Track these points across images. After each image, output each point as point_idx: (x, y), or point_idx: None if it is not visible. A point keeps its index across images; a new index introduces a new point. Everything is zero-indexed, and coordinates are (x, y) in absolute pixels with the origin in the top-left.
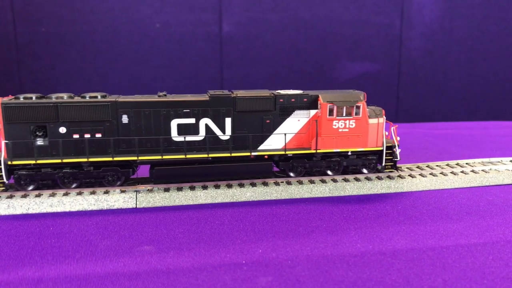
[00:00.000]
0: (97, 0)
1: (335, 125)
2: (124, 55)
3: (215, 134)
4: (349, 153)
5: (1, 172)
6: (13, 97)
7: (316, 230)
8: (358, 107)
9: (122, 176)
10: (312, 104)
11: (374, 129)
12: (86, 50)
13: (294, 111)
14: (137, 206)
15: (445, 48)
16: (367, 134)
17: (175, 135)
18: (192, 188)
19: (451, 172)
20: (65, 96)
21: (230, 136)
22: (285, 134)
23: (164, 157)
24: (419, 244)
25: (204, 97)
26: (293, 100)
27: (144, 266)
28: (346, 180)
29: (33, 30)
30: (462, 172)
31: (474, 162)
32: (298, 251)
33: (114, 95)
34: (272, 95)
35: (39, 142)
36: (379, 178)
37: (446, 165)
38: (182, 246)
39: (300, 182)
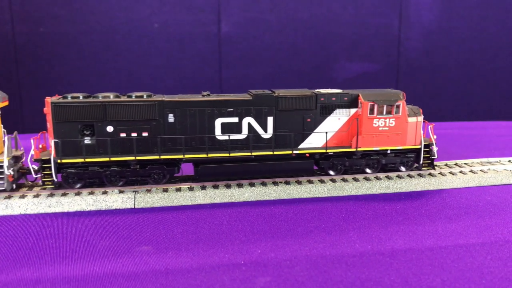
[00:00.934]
0: (95, 0)
1: (376, 124)
2: (123, 55)
3: (257, 132)
4: (388, 151)
5: (51, 170)
6: (59, 96)
7: (315, 230)
8: (398, 106)
9: (167, 174)
10: (352, 103)
11: (413, 127)
12: (85, 50)
13: (334, 110)
14: (136, 207)
15: (443, 48)
16: (406, 132)
17: (218, 134)
18: (190, 189)
19: (449, 172)
20: (111, 96)
21: (272, 134)
22: (326, 133)
23: (209, 155)
24: (417, 244)
25: (247, 97)
26: (333, 99)
27: (142, 267)
28: (344, 180)
29: (32, 30)
30: (460, 172)
31: (473, 162)
32: (297, 251)
33: (158, 94)
34: (314, 94)
35: (87, 140)
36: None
37: (445, 165)
38: (181, 247)
39: (299, 182)
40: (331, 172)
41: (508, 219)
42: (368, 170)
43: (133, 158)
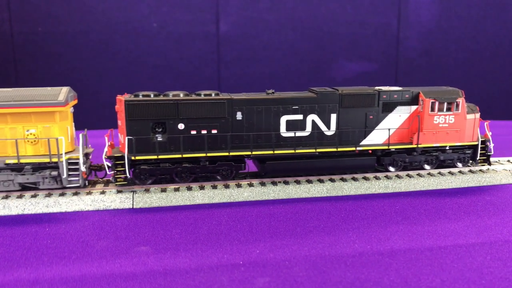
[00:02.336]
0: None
1: (436, 121)
2: (121, 55)
3: (321, 129)
4: (447, 148)
5: (124, 167)
6: (127, 94)
7: (314, 230)
8: (458, 103)
9: (235, 170)
10: (413, 100)
11: (471, 124)
12: (83, 49)
13: (396, 107)
14: (134, 207)
15: (442, 47)
16: (465, 129)
17: (283, 131)
18: (189, 189)
19: (448, 172)
20: (182, 94)
21: (335, 131)
22: (389, 129)
23: (276, 152)
24: (417, 244)
25: (310, 94)
26: (395, 96)
27: (140, 267)
28: (343, 180)
29: (30, 30)
30: (459, 172)
31: (472, 162)
32: (295, 252)
33: (224, 93)
34: (376, 91)
35: (158, 138)
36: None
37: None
38: (179, 247)
39: (298, 182)
40: (391, 169)
41: (507, 219)
42: (426, 166)
43: (204, 154)
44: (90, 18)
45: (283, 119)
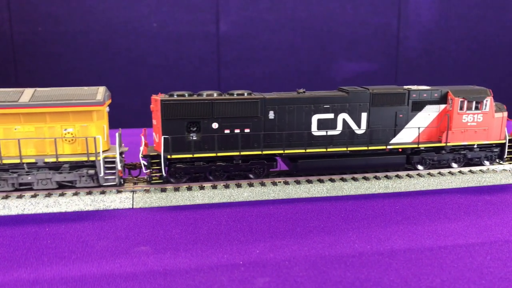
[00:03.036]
0: None
1: (465, 119)
2: (121, 55)
3: (351, 128)
4: (475, 146)
5: (159, 165)
6: (162, 94)
7: (314, 230)
8: (486, 102)
9: (267, 169)
10: (442, 99)
11: (499, 123)
12: (83, 49)
13: (425, 106)
14: (134, 207)
15: (442, 47)
16: (493, 127)
17: (314, 130)
18: (189, 189)
19: (448, 172)
20: (215, 94)
21: (365, 130)
22: (418, 128)
23: (307, 150)
24: (417, 244)
25: (342, 93)
26: (425, 95)
27: (140, 267)
28: (343, 180)
29: (30, 30)
30: (459, 172)
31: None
32: (295, 252)
33: (256, 92)
34: (406, 90)
35: (193, 137)
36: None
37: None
38: (179, 247)
39: (298, 182)
40: (420, 167)
41: (507, 219)
42: (454, 165)
43: (237, 153)
44: (90, 18)
45: (315, 118)
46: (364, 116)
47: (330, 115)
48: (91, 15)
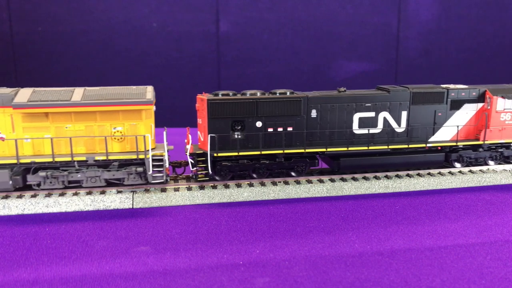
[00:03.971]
0: None
1: (503, 118)
2: (121, 55)
3: (392, 126)
4: None
5: (206, 163)
6: (207, 93)
7: (314, 230)
8: None
9: (308, 167)
10: (479, 97)
11: None
12: (83, 49)
13: (463, 105)
14: (134, 207)
15: (442, 47)
16: None
17: (356, 128)
18: (189, 189)
19: (448, 172)
20: (258, 93)
21: (405, 128)
22: (457, 126)
23: (350, 148)
24: (417, 244)
25: (382, 92)
26: (463, 94)
27: (140, 267)
28: (343, 180)
29: (30, 29)
30: (459, 172)
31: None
32: (295, 252)
33: (298, 91)
34: (445, 89)
35: (237, 135)
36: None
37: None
38: (179, 247)
39: (298, 182)
40: (457, 165)
41: (507, 219)
42: (490, 162)
43: (281, 151)
44: (89, 18)
45: (356, 117)
46: (404, 114)
47: (371, 114)
48: (91, 15)
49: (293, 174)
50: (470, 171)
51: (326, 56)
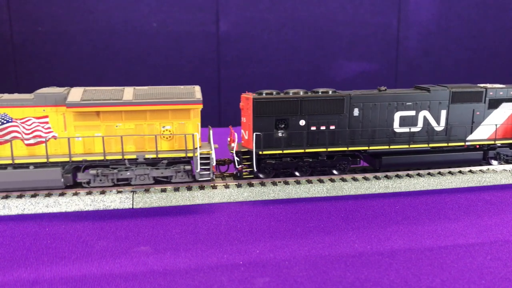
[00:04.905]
0: None
1: None
2: (121, 55)
3: (431, 125)
4: None
5: (250, 161)
6: (249, 92)
7: (314, 230)
8: None
9: (350, 165)
10: None
11: None
12: (83, 49)
13: (501, 104)
14: (134, 207)
15: (442, 47)
16: None
17: (396, 127)
18: (189, 189)
19: (448, 172)
20: (301, 92)
21: (444, 127)
22: (495, 125)
23: (391, 147)
24: (417, 244)
25: (423, 91)
26: (501, 93)
27: (140, 267)
28: (344, 180)
29: (30, 30)
30: (459, 171)
31: None
32: (295, 252)
33: (339, 90)
34: (484, 88)
35: (280, 133)
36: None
37: None
38: (179, 247)
39: (298, 182)
40: (494, 162)
41: (507, 219)
42: None
43: (324, 149)
44: (89, 18)
45: (397, 115)
46: (443, 113)
47: (412, 112)
48: (91, 15)
49: (335, 172)
50: (470, 171)
51: (326, 56)
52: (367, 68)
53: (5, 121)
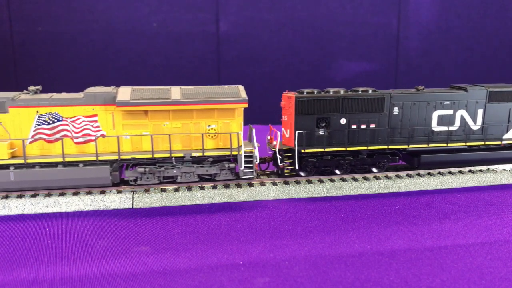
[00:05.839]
0: None
1: None
2: (121, 55)
3: (468, 124)
4: None
5: (292, 159)
6: (290, 92)
7: (314, 230)
8: None
9: (389, 163)
10: None
11: None
12: (83, 49)
13: None
14: (134, 207)
15: (442, 47)
16: None
17: (434, 125)
18: (189, 189)
19: (448, 172)
20: (341, 91)
21: (481, 126)
22: None
23: (430, 145)
24: (417, 244)
25: (460, 90)
26: None
27: (140, 267)
28: (344, 180)
29: (30, 29)
30: (459, 171)
31: None
32: (295, 252)
33: (379, 89)
34: None
35: (321, 132)
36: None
37: None
38: (179, 247)
39: (298, 182)
40: None
41: (507, 219)
42: None
43: (365, 148)
44: (89, 18)
45: (435, 114)
46: (480, 112)
47: (450, 111)
48: (91, 15)
49: (374, 170)
50: (470, 171)
51: (326, 56)
52: (367, 68)
53: (56, 120)
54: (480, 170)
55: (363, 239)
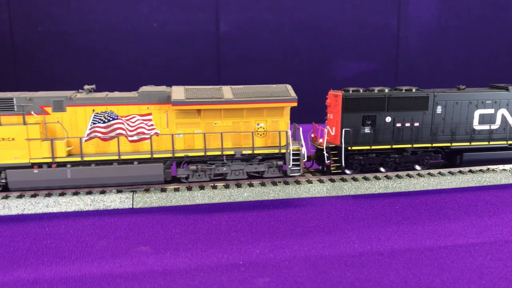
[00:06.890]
0: None
1: None
2: (121, 55)
3: (509, 123)
4: None
5: (338, 156)
6: (335, 90)
7: (314, 230)
8: None
9: (431, 160)
10: None
11: None
12: (83, 49)
13: None
14: (134, 207)
15: (442, 47)
16: None
17: (476, 124)
18: (189, 189)
19: (448, 172)
20: (386, 90)
21: None
22: None
23: (472, 144)
24: (417, 244)
25: (501, 90)
26: None
27: (140, 267)
28: (343, 180)
29: (30, 30)
30: (459, 171)
31: None
32: (295, 252)
33: (423, 88)
34: None
35: (367, 130)
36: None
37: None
38: (179, 247)
39: (298, 182)
40: None
41: (507, 219)
42: None
43: (410, 145)
44: (89, 18)
45: (477, 113)
46: None
47: (491, 110)
48: (91, 15)
49: (417, 167)
50: (470, 171)
51: (326, 56)
52: (367, 68)
53: (111, 119)
54: (480, 170)
55: (363, 239)
